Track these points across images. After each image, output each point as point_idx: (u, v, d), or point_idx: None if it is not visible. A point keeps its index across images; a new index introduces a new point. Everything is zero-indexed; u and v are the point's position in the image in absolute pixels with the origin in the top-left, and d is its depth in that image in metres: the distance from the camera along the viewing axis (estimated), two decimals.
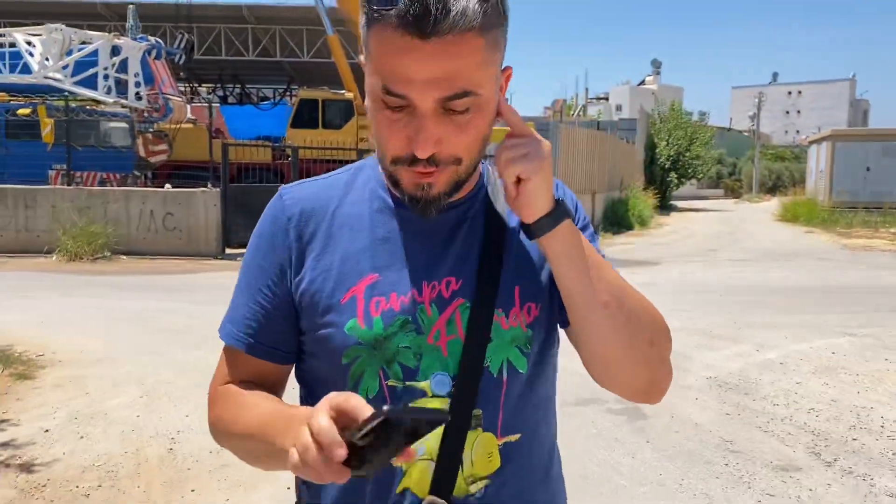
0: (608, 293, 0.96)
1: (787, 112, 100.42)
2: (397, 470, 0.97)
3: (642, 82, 78.35)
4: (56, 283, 9.97)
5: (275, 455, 0.88)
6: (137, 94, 13.97)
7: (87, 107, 15.24)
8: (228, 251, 13.33)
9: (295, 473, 0.83)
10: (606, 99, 74.77)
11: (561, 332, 1.07)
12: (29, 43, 14.14)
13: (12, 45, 14.05)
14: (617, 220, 21.78)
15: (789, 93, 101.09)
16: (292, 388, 1.11)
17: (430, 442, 0.96)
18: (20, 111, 14.26)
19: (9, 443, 4.12)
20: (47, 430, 4.33)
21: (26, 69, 14.17)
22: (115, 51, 14.00)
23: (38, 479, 3.66)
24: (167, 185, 13.70)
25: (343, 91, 19.36)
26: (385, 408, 0.71)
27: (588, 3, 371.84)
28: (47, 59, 13.87)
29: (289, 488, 1.20)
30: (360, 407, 0.76)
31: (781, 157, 61.07)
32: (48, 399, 4.93)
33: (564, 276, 0.96)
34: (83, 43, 14.31)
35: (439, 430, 0.94)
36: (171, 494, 3.54)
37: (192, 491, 3.56)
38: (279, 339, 1.03)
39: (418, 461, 0.96)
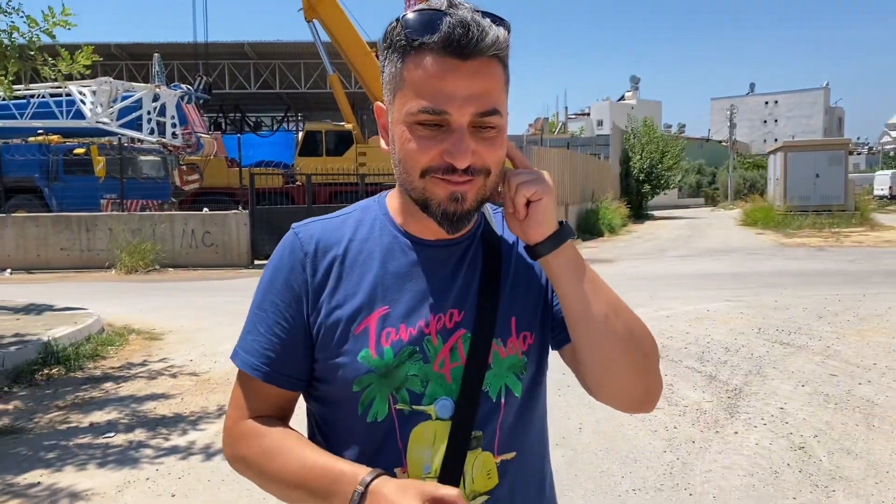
0: (607, 306, 1.04)
1: (765, 121, 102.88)
2: None
3: (622, 98, 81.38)
4: (127, 289, 12.61)
5: None
6: (174, 133, 16.67)
7: (125, 144, 17.93)
8: (256, 262, 16.05)
9: None
10: (588, 115, 77.72)
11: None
12: (81, 93, 16.83)
13: (68, 94, 16.72)
14: (588, 227, 24.54)
15: (766, 102, 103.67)
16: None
17: (436, 460, 1.05)
18: (76, 150, 16.97)
19: (172, 365, 6.79)
20: (192, 360, 6.99)
21: (79, 115, 16.88)
22: (155, 97, 16.72)
23: (202, 377, 6.32)
24: (205, 209, 16.35)
25: (343, 122, 22.11)
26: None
27: (567, 21, 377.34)
28: (98, 107, 16.56)
29: None
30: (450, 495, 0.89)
31: (759, 165, 63.55)
32: (178, 349, 7.57)
33: (567, 292, 1.04)
34: (127, 91, 17.02)
35: (443, 449, 1.04)
36: None
37: None
38: (294, 368, 1.10)
39: (426, 478, 1.05)
